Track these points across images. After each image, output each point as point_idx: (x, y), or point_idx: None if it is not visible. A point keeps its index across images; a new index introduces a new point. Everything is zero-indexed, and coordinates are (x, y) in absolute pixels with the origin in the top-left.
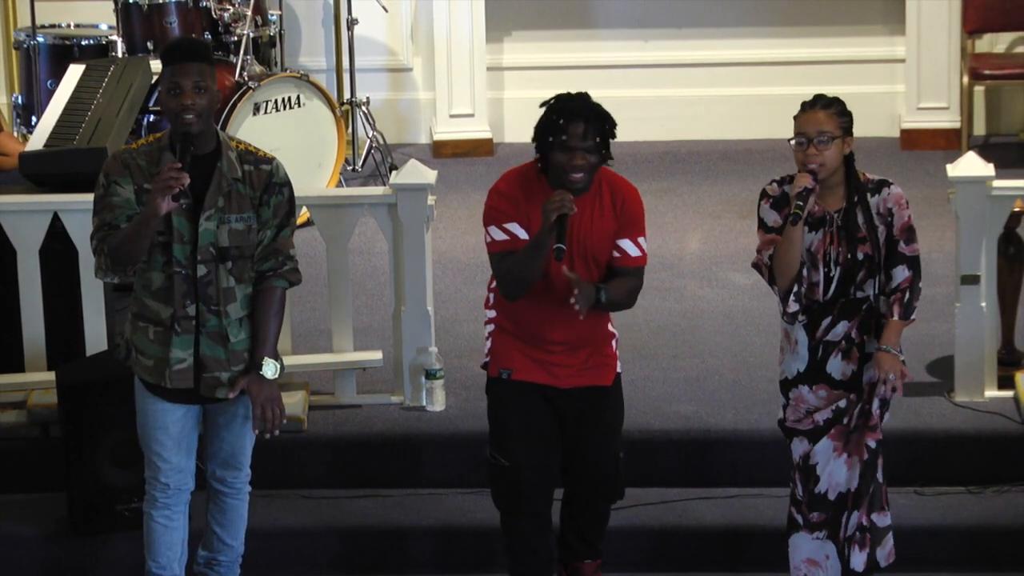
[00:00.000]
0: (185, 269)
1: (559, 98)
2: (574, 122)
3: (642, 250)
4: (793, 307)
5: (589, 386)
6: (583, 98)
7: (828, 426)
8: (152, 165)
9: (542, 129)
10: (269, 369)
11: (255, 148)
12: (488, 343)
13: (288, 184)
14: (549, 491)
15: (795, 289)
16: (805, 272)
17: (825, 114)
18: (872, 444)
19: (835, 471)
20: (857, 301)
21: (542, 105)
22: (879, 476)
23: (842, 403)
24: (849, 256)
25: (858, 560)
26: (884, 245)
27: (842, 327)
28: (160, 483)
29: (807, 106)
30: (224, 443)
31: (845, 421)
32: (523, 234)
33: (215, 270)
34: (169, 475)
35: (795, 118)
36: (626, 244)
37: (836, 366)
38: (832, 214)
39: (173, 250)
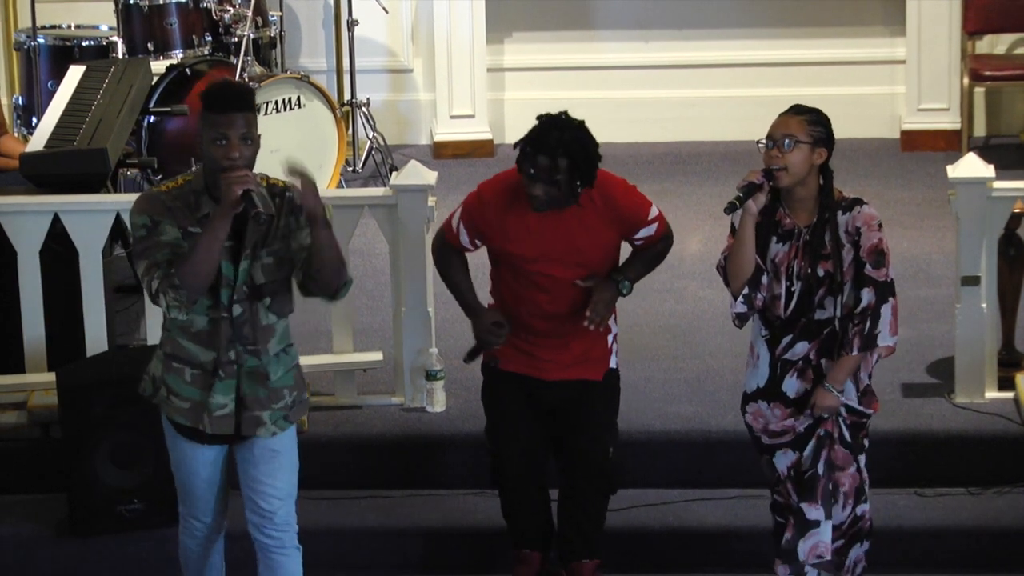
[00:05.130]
0: (230, 313)
1: (542, 124)
2: (540, 154)
3: (656, 220)
4: (740, 308)
5: (576, 379)
6: (562, 131)
7: (809, 432)
8: (188, 209)
9: (520, 143)
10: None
11: (275, 180)
12: None
13: None
14: (534, 475)
15: (746, 291)
16: (766, 281)
17: (796, 120)
18: (822, 432)
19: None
20: (819, 323)
21: (538, 117)
22: (820, 469)
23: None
24: (810, 271)
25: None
26: (852, 266)
27: (801, 347)
28: (194, 521)
29: (783, 112)
30: (262, 486)
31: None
32: (468, 244)
33: (249, 309)
34: (203, 510)
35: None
36: (642, 232)
37: (791, 385)
38: (802, 228)
39: (220, 294)
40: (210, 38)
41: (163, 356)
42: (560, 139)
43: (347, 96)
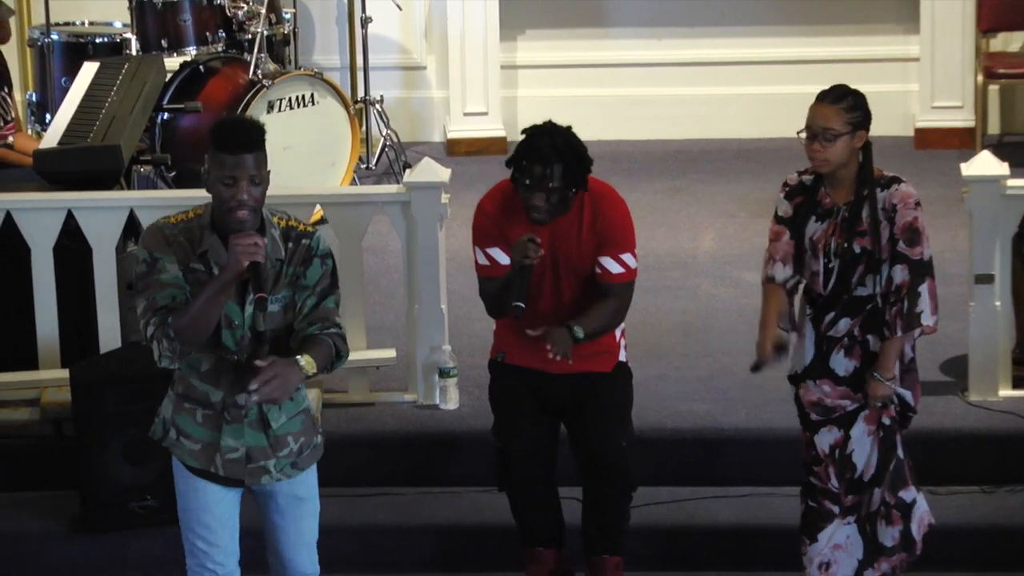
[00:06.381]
0: (236, 355)
1: (531, 134)
2: (536, 164)
3: (625, 266)
4: (780, 273)
5: (584, 372)
6: (552, 137)
7: (857, 411)
8: (191, 244)
9: (511, 160)
10: (303, 360)
11: (296, 222)
12: (495, 324)
13: (330, 255)
14: (541, 472)
15: (790, 273)
16: (807, 260)
17: (834, 109)
18: (887, 421)
19: (868, 456)
20: (860, 299)
21: (525, 131)
22: (900, 452)
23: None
24: (846, 246)
25: (887, 535)
26: (888, 244)
27: (844, 324)
28: (207, 570)
29: (820, 97)
30: (286, 535)
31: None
32: (503, 259)
33: (253, 355)
34: (216, 557)
35: (810, 107)
36: (606, 261)
37: (839, 362)
38: (840, 206)
39: (222, 336)
40: (223, 35)
41: (174, 397)
42: (552, 145)
43: (360, 93)
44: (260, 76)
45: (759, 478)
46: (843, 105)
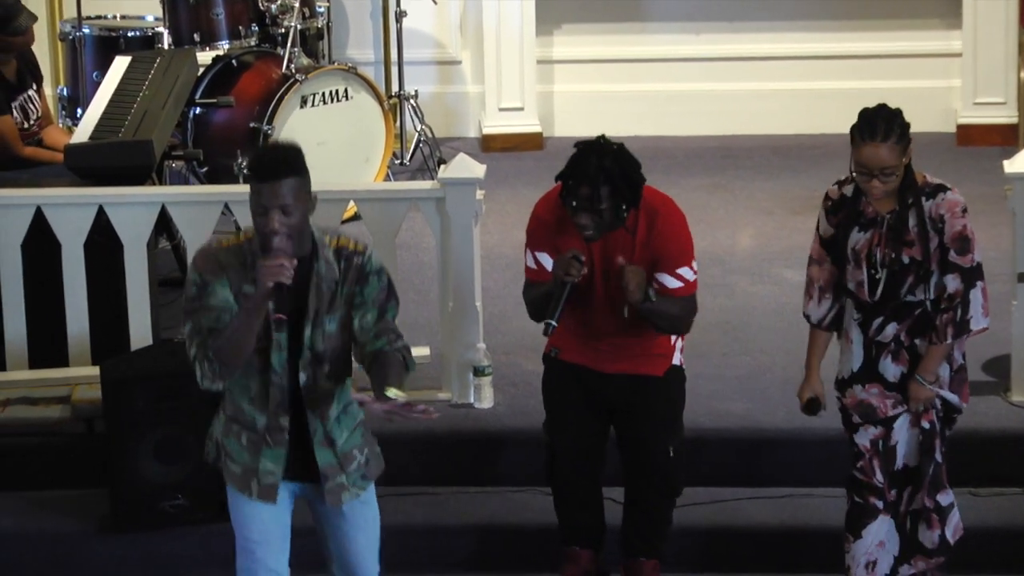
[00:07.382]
0: (282, 378)
1: (580, 152)
2: (583, 185)
3: (684, 280)
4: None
5: (635, 374)
6: (600, 157)
7: (899, 415)
8: (243, 268)
9: (560, 176)
10: (392, 392)
11: (347, 240)
12: None
13: (383, 271)
14: (585, 469)
15: (828, 306)
16: (850, 271)
17: (887, 147)
18: (926, 425)
19: (910, 447)
20: (910, 304)
21: (575, 146)
22: (938, 456)
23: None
24: (894, 256)
25: (928, 537)
26: (937, 252)
27: (891, 328)
28: (261, 570)
29: (866, 136)
30: (353, 543)
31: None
32: (551, 265)
33: (313, 375)
34: (267, 561)
35: (854, 145)
36: (663, 277)
37: (888, 368)
38: (884, 216)
39: (271, 357)
40: (256, 29)
41: (224, 418)
42: (599, 166)
43: (395, 88)
44: (293, 71)
45: (799, 478)
46: (893, 140)
